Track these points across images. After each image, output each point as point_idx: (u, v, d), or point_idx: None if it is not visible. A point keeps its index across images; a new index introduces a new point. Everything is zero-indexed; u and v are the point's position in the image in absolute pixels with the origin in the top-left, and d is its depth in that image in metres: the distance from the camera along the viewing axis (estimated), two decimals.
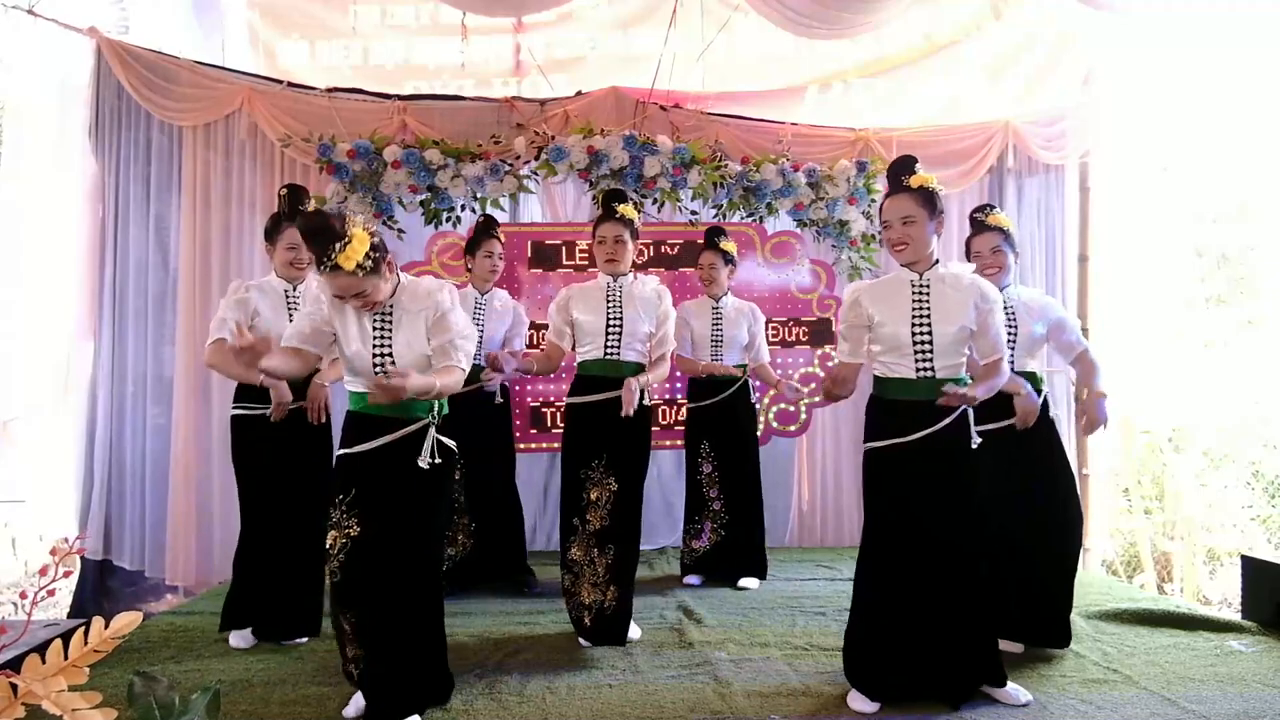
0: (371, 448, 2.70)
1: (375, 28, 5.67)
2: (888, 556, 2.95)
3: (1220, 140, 6.01)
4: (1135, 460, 6.38)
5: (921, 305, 2.95)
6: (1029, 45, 5.68)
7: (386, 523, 2.68)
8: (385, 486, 2.70)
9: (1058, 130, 5.64)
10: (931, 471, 2.89)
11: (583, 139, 4.85)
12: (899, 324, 2.95)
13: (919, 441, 2.89)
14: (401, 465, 2.71)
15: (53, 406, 4.69)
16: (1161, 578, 5.88)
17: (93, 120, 4.93)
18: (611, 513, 3.49)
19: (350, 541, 2.67)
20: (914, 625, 2.90)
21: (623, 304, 3.59)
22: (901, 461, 2.91)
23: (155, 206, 5.03)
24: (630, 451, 3.55)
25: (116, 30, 5.08)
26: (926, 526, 2.89)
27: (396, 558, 2.70)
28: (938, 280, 2.99)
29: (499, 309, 4.36)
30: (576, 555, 3.54)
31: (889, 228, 3.00)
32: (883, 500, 2.98)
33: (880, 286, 3.08)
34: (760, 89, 5.62)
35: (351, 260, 2.52)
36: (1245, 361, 6.07)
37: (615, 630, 3.55)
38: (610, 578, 3.51)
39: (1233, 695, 3.11)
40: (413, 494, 2.73)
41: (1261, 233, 6.36)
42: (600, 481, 3.51)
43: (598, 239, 3.63)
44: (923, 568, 2.89)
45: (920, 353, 2.92)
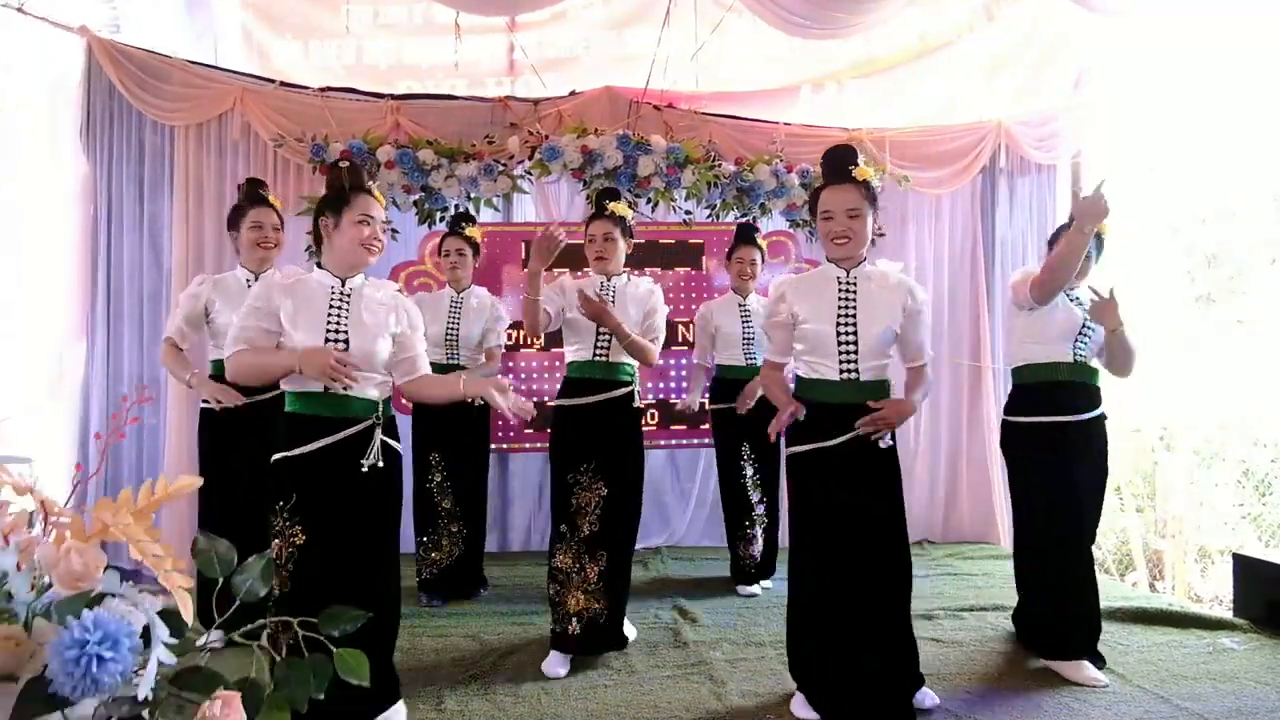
0: (312, 450, 2.58)
1: (368, 27, 5.65)
2: (816, 559, 2.85)
3: (1210, 141, 6.03)
4: (1126, 459, 6.40)
5: (848, 304, 2.86)
6: (1021, 46, 5.70)
7: (334, 529, 2.57)
8: (329, 491, 2.58)
9: (1049, 131, 5.66)
10: (855, 472, 2.81)
11: (576, 139, 4.85)
12: (823, 322, 2.85)
13: (842, 444, 2.80)
14: (346, 468, 2.60)
15: (46, 407, 4.66)
16: (1153, 576, 5.91)
17: (84, 120, 4.91)
18: (602, 518, 3.36)
19: (297, 550, 2.55)
20: (846, 628, 2.79)
21: (615, 303, 3.48)
22: (825, 464, 2.83)
23: (147, 207, 5.01)
24: (621, 455, 3.42)
25: (108, 29, 5.04)
26: (854, 528, 2.80)
27: (349, 565, 2.57)
28: (865, 278, 2.89)
29: (475, 307, 4.33)
30: (564, 563, 3.39)
31: (830, 218, 2.85)
32: (808, 503, 2.89)
33: (805, 282, 2.98)
34: (754, 89, 5.62)
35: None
36: (1235, 360, 6.10)
37: (609, 637, 3.45)
38: (604, 585, 3.38)
39: (1225, 692, 3.13)
40: (359, 498, 2.61)
41: (1250, 233, 6.39)
42: (589, 486, 3.37)
43: (588, 237, 3.54)
44: (850, 569, 2.79)
45: (845, 354, 2.83)
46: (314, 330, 2.60)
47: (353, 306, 2.66)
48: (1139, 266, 6.61)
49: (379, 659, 2.69)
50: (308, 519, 2.57)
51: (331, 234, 2.67)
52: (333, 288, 2.67)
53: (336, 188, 2.68)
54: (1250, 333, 6.26)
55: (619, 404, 3.46)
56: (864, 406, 2.81)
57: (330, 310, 2.63)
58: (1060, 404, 3.33)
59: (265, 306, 2.61)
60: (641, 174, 4.86)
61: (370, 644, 2.64)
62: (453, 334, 4.26)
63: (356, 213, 2.63)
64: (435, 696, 3.03)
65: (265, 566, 1.08)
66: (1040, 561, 3.38)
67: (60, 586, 0.84)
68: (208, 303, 3.63)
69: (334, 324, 2.62)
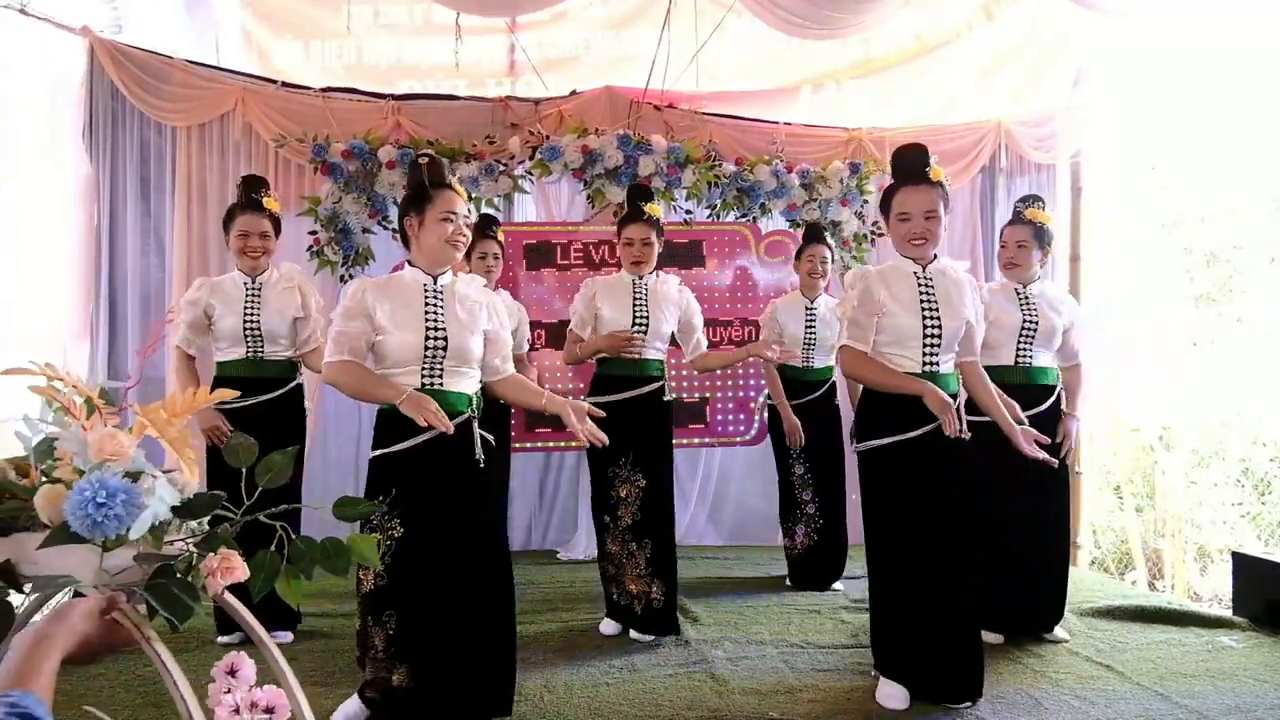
0: (410, 446, 2.57)
1: (369, 28, 5.66)
2: (900, 551, 2.91)
3: (1209, 140, 6.05)
4: (1126, 458, 6.42)
5: (929, 297, 2.92)
6: (1020, 46, 5.70)
7: (434, 522, 2.58)
8: (428, 485, 2.58)
9: (1049, 130, 5.67)
10: (935, 464, 2.87)
11: (577, 139, 4.86)
12: (909, 315, 2.89)
13: (923, 435, 2.86)
14: (447, 462, 2.61)
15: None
16: (1153, 575, 5.92)
17: (86, 120, 4.91)
18: (642, 507, 3.60)
19: (395, 543, 2.54)
20: (934, 617, 2.88)
21: (649, 303, 3.64)
22: (907, 456, 2.88)
23: (149, 207, 5.01)
24: (655, 447, 3.65)
25: (109, 30, 5.05)
26: (934, 519, 2.87)
27: (452, 559, 2.59)
28: (939, 274, 2.97)
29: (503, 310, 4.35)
30: (614, 549, 3.66)
31: (907, 219, 2.90)
32: (888, 496, 2.94)
33: (889, 273, 3.00)
34: (754, 89, 5.63)
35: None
36: (1234, 360, 6.11)
37: (667, 621, 3.64)
38: (653, 570, 3.62)
39: (1224, 690, 3.15)
40: (460, 491, 2.62)
41: (1249, 232, 6.40)
42: (629, 479, 3.60)
43: (624, 240, 3.66)
44: (935, 560, 2.86)
45: (929, 345, 2.89)
46: (413, 328, 2.60)
47: (447, 303, 2.67)
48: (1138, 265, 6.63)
49: (499, 661, 2.69)
50: (407, 513, 2.56)
51: (418, 232, 2.67)
52: (425, 285, 2.67)
53: (417, 185, 2.67)
54: (1250, 332, 6.27)
55: (652, 398, 3.64)
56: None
57: (426, 308, 2.64)
58: None
59: (358, 308, 2.59)
60: (642, 174, 4.87)
61: (491, 644, 2.64)
62: None
63: (439, 210, 2.63)
64: None
65: (287, 459, 1.31)
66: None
67: (91, 455, 1.11)
68: (206, 307, 3.64)
69: (432, 321, 2.63)
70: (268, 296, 3.62)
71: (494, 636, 2.66)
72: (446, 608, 2.56)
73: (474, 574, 2.63)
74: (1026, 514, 3.53)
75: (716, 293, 5.27)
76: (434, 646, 2.55)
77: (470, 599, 2.61)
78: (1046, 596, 3.64)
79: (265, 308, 3.60)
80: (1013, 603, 3.56)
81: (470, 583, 2.61)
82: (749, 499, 5.60)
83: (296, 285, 3.68)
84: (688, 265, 5.25)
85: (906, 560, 2.91)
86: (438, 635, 2.55)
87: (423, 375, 2.61)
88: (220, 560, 1.16)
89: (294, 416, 3.69)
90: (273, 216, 3.71)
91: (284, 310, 3.62)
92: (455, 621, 2.57)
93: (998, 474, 3.42)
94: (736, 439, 5.35)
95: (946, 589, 2.87)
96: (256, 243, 3.64)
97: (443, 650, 2.55)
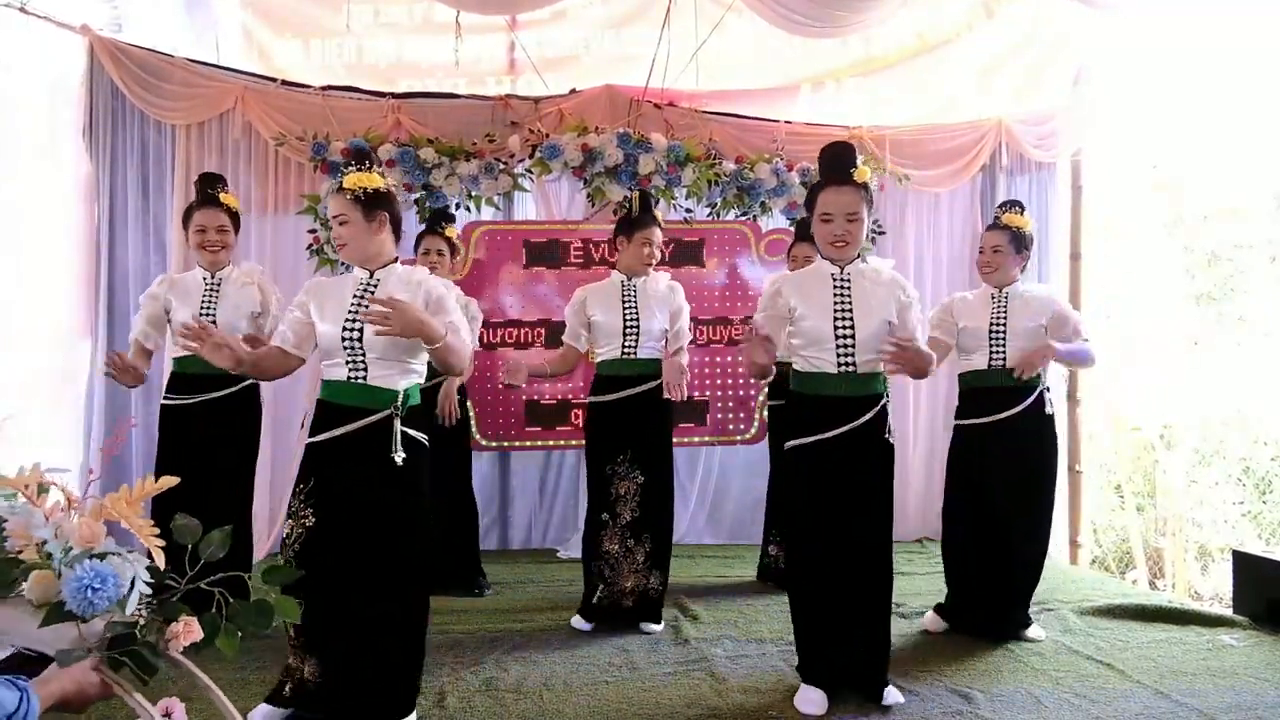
0: (333, 436, 2.62)
1: (369, 26, 5.65)
2: (812, 551, 2.93)
3: (1210, 139, 6.04)
4: (1126, 457, 6.41)
5: (843, 299, 2.93)
6: (1021, 44, 5.70)
7: (346, 515, 2.58)
8: (346, 478, 2.60)
9: (1049, 129, 5.66)
10: (851, 465, 2.89)
11: (577, 137, 4.86)
12: (820, 318, 2.92)
13: (840, 436, 2.88)
14: (365, 457, 2.60)
15: (50, 405, 4.68)
16: (1153, 574, 5.92)
17: (86, 119, 4.90)
18: (642, 504, 3.65)
19: (305, 531, 2.59)
20: (839, 615, 2.92)
21: (638, 303, 3.69)
22: (824, 456, 2.90)
23: (149, 206, 5.01)
24: (653, 444, 3.70)
25: (109, 29, 5.04)
26: (846, 519, 2.89)
27: (359, 553, 2.57)
28: (859, 275, 2.97)
29: None
30: (610, 548, 3.68)
31: (829, 221, 2.91)
32: (805, 496, 2.95)
33: (801, 277, 3.07)
34: (754, 87, 5.63)
35: (355, 184, 2.64)
36: (1235, 359, 6.11)
37: (655, 610, 3.75)
38: (652, 564, 3.71)
39: (1224, 689, 3.15)
40: (376, 487, 2.60)
41: (1251, 231, 6.40)
42: (627, 476, 3.65)
43: (641, 240, 3.70)
44: (843, 560, 2.89)
45: (842, 347, 2.91)
46: (335, 320, 2.68)
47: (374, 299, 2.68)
48: (1139, 265, 6.62)
49: (398, 661, 2.64)
50: (320, 503, 2.60)
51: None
52: (361, 280, 2.74)
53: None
54: (1250, 331, 6.27)
55: (649, 397, 3.68)
56: (862, 399, 2.90)
57: (352, 302, 2.69)
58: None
59: (298, 301, 2.77)
60: (642, 172, 4.87)
61: (385, 644, 2.58)
62: None
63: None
64: (438, 693, 3.03)
65: (224, 537, 1.53)
66: None
67: (76, 546, 1.32)
68: (165, 302, 3.68)
69: (352, 314, 2.67)
70: (226, 292, 3.67)
71: (395, 637, 2.61)
72: (348, 603, 2.55)
73: (378, 574, 2.58)
74: (1004, 517, 3.60)
75: (716, 291, 5.27)
76: (337, 640, 2.57)
77: (372, 598, 2.57)
78: (1014, 599, 3.68)
79: (222, 303, 3.65)
80: (981, 605, 3.64)
81: (374, 582, 2.57)
82: (748, 498, 5.59)
83: (256, 282, 3.72)
84: (688, 264, 5.25)
85: (810, 558, 2.95)
86: (339, 629, 2.56)
87: (348, 368, 2.65)
88: (184, 625, 1.41)
89: (248, 412, 3.72)
90: (230, 211, 3.74)
91: (241, 305, 3.66)
92: (356, 618, 2.56)
93: (982, 475, 3.59)
94: (736, 438, 5.35)
95: (859, 588, 2.91)
96: (214, 237, 3.68)
97: (344, 646, 2.57)
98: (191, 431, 3.59)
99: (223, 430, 3.63)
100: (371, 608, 2.57)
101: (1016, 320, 3.61)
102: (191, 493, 3.33)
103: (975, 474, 3.65)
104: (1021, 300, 3.66)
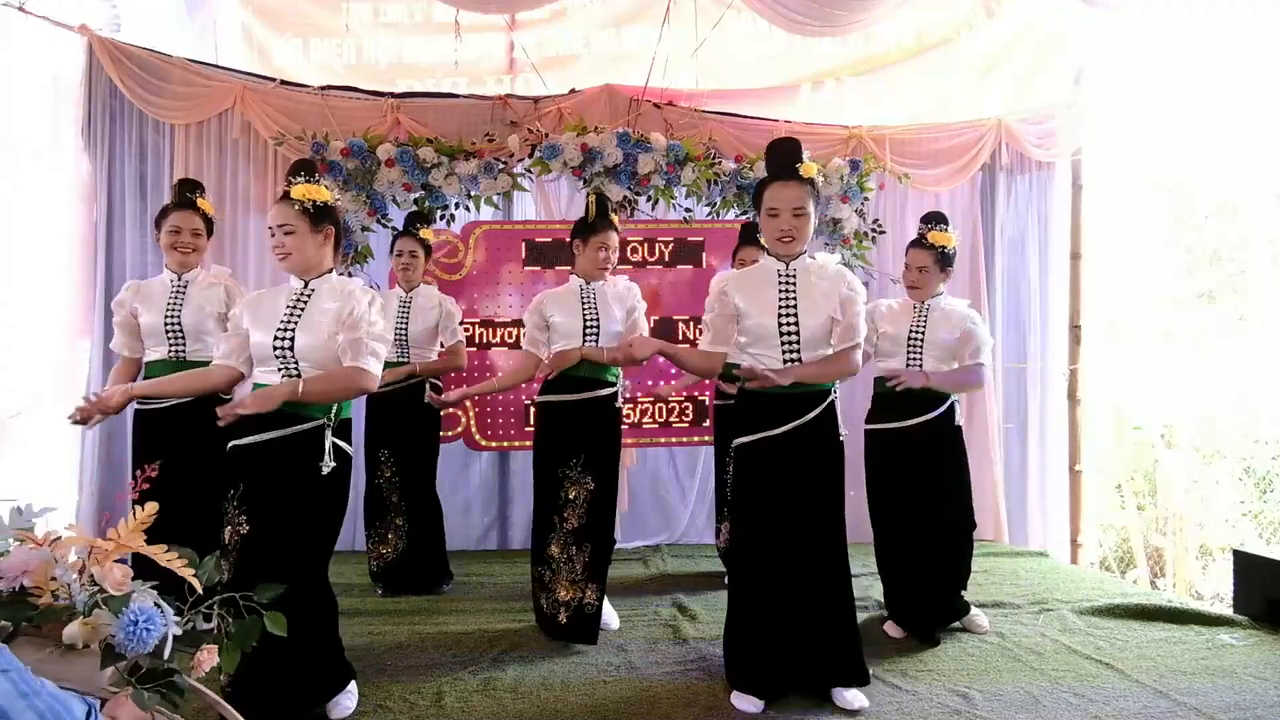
0: (260, 440, 2.62)
1: (368, 26, 5.66)
2: (758, 550, 2.91)
3: (1211, 138, 6.04)
4: (1127, 456, 6.41)
5: (788, 295, 2.92)
6: (1021, 43, 5.70)
7: (275, 521, 2.61)
8: (273, 483, 2.63)
9: (1049, 128, 5.66)
10: (800, 463, 2.87)
11: (576, 136, 4.85)
12: (765, 315, 2.90)
13: (787, 433, 2.86)
14: (292, 463, 2.64)
15: (48, 405, 4.68)
16: (1154, 573, 5.91)
17: (85, 119, 4.91)
18: (588, 511, 3.53)
19: (241, 539, 2.61)
20: (787, 617, 2.87)
21: (597, 305, 3.64)
22: (771, 453, 2.88)
23: (148, 205, 5.01)
24: (607, 450, 3.59)
25: (108, 28, 5.05)
26: (796, 518, 2.87)
27: (286, 557, 2.60)
28: (804, 271, 2.95)
29: (423, 305, 4.35)
30: (554, 552, 3.55)
31: (776, 215, 2.89)
32: (752, 493, 2.93)
33: (746, 276, 3.05)
34: (753, 87, 5.63)
35: (304, 195, 2.67)
36: (1235, 358, 6.11)
37: (592, 628, 3.54)
38: (589, 575, 3.53)
39: (1224, 688, 3.14)
40: (300, 493, 2.64)
41: (1251, 230, 6.39)
42: (578, 480, 3.54)
43: (596, 244, 3.64)
44: (793, 560, 2.86)
45: (787, 343, 2.90)
46: (267, 329, 2.69)
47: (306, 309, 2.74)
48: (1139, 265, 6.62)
49: (319, 649, 2.74)
50: (253, 510, 2.63)
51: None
52: (296, 290, 2.77)
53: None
54: (1251, 330, 6.26)
55: (604, 402, 3.60)
56: (808, 395, 2.88)
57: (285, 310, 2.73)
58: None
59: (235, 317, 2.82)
60: (641, 172, 4.86)
61: (304, 637, 2.55)
62: (402, 333, 4.28)
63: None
64: (435, 692, 3.03)
65: (216, 561, 1.66)
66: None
67: (111, 589, 1.47)
68: (131, 308, 3.70)
69: (283, 324, 2.71)
70: (191, 293, 3.68)
71: (314, 632, 2.67)
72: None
73: (298, 574, 2.57)
74: (921, 513, 3.65)
75: None
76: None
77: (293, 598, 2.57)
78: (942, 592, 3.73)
79: (187, 304, 3.66)
80: (914, 599, 3.69)
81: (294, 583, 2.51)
82: None
83: (222, 284, 3.74)
84: (688, 264, 5.24)
85: (756, 557, 2.91)
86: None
87: (280, 375, 2.68)
88: (207, 652, 1.58)
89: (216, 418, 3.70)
90: (204, 216, 3.77)
91: (205, 306, 3.66)
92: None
93: (897, 475, 3.67)
94: None
95: (811, 587, 2.87)
96: (187, 239, 3.71)
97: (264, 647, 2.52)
98: (165, 437, 3.56)
99: (194, 437, 3.57)
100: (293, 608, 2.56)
101: (934, 331, 3.69)
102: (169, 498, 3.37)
103: (890, 475, 3.70)
104: (942, 313, 3.73)
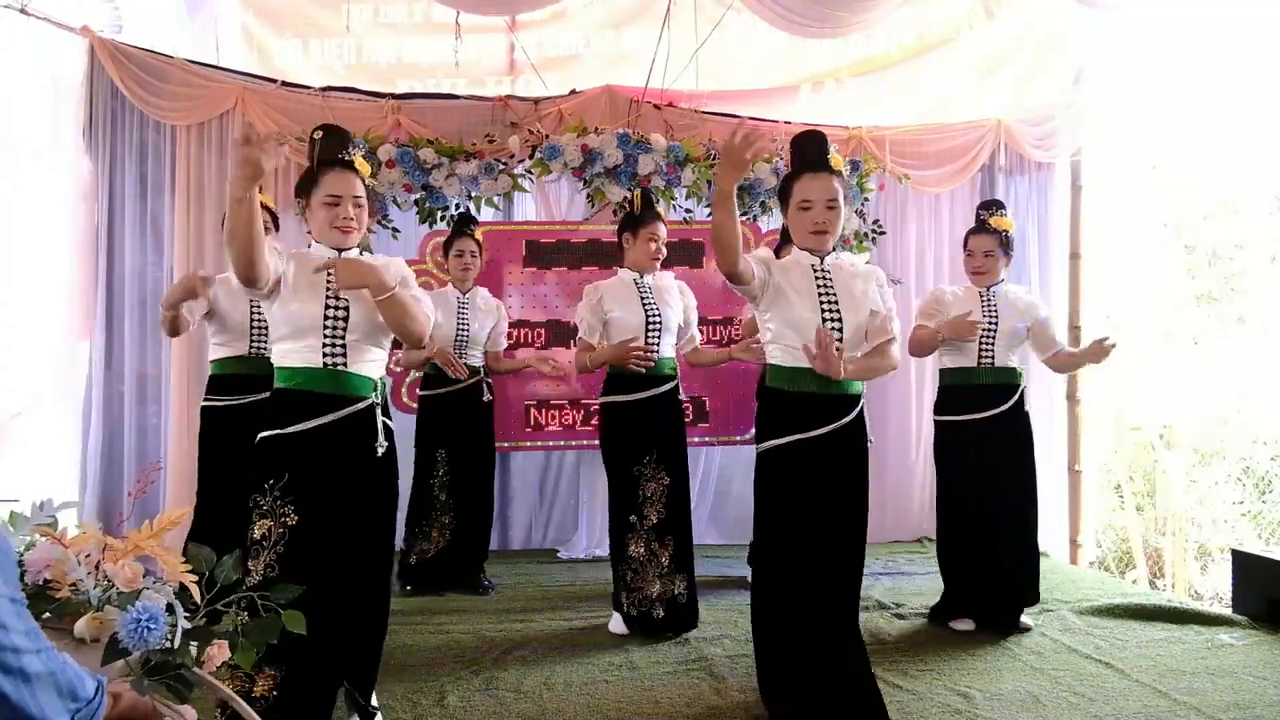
0: (306, 429, 2.43)
1: (368, 26, 5.65)
2: (788, 558, 2.70)
3: (1210, 138, 6.04)
4: (1126, 457, 6.42)
5: (828, 292, 2.72)
6: (1020, 44, 5.70)
7: (330, 511, 2.43)
8: (327, 471, 2.44)
9: (1049, 129, 5.66)
10: (836, 468, 2.70)
11: (577, 137, 4.85)
12: (807, 309, 2.69)
13: (824, 436, 2.67)
14: (345, 448, 2.48)
15: (49, 406, 4.68)
16: (1153, 573, 5.92)
17: (86, 120, 4.90)
18: (667, 505, 3.63)
19: (288, 531, 2.39)
20: (817, 630, 2.68)
21: (656, 299, 3.69)
22: (804, 457, 2.68)
23: (149, 206, 5.01)
24: (677, 443, 3.69)
25: (110, 29, 5.05)
26: (825, 524, 2.69)
27: (340, 553, 2.44)
28: (837, 268, 2.78)
29: (482, 307, 4.37)
30: (636, 552, 3.62)
31: (809, 208, 2.69)
32: (783, 498, 2.73)
33: (787, 265, 2.79)
34: (754, 88, 5.63)
35: (363, 168, 2.59)
36: (1235, 358, 6.11)
37: (689, 616, 3.71)
38: (676, 567, 3.65)
39: (1223, 687, 3.15)
40: (356, 481, 2.49)
41: (1251, 230, 6.40)
42: (654, 476, 3.62)
43: (647, 236, 3.68)
44: (819, 566, 2.67)
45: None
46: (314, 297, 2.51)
47: None
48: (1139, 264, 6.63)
49: (370, 654, 2.64)
50: (301, 500, 2.42)
51: (306, 215, 2.65)
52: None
53: (308, 165, 2.62)
54: (1251, 330, 6.27)
55: (668, 397, 3.69)
56: (846, 396, 2.71)
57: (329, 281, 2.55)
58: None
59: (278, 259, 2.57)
60: (641, 172, 4.87)
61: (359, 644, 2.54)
62: (464, 332, 4.28)
63: (323, 192, 2.56)
64: (438, 692, 3.04)
65: (235, 561, 1.60)
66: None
67: (121, 586, 1.47)
68: (213, 298, 3.76)
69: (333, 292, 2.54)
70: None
71: (371, 631, 2.60)
72: (325, 605, 2.30)
73: (357, 572, 2.50)
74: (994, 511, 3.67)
75: (717, 291, 5.26)
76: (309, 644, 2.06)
77: (348, 598, 2.47)
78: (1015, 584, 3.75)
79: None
80: (986, 590, 3.70)
81: (352, 581, 2.47)
82: (750, 498, 5.58)
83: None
84: (688, 264, 5.25)
85: (786, 565, 2.70)
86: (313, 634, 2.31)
87: (324, 353, 2.46)
88: (217, 648, 1.55)
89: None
90: (269, 211, 3.77)
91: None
92: (332, 622, 2.37)
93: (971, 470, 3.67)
94: (737, 438, 5.35)
95: (833, 600, 2.70)
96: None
97: (316, 649, 2.30)
98: (231, 433, 3.57)
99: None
100: (351, 603, 2.48)
101: (1005, 322, 3.67)
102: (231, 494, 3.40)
103: (965, 469, 3.69)
104: (1010, 302, 3.71)
